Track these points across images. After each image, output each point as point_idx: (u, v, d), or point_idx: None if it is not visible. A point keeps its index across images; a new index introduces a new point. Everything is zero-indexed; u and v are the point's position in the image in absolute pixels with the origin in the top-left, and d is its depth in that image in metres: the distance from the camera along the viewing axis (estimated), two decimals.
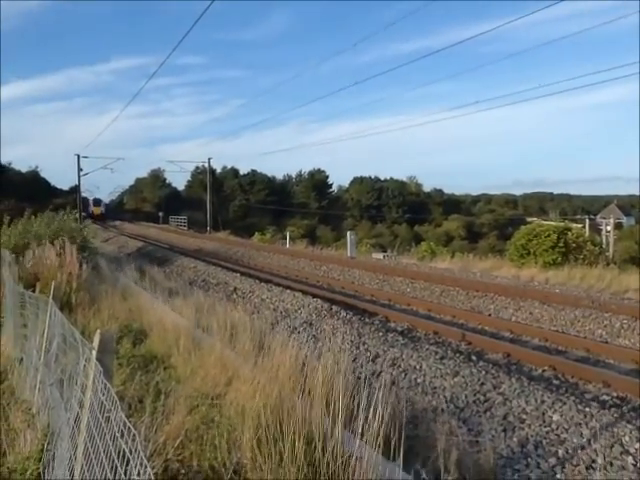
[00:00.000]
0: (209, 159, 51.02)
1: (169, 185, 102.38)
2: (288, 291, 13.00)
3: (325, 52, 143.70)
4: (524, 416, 5.68)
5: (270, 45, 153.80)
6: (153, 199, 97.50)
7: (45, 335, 5.01)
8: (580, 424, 5.37)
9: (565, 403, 5.83)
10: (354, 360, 7.89)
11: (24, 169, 78.97)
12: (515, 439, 5.22)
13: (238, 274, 16.51)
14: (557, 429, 5.35)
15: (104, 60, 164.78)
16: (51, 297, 5.16)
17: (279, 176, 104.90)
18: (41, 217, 15.96)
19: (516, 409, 5.86)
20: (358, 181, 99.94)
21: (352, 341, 8.76)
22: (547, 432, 5.32)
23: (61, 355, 4.19)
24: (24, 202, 39.74)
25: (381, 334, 9.03)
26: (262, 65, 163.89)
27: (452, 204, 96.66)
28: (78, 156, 49.39)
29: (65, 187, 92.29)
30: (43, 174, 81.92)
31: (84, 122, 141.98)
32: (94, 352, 2.43)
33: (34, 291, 8.08)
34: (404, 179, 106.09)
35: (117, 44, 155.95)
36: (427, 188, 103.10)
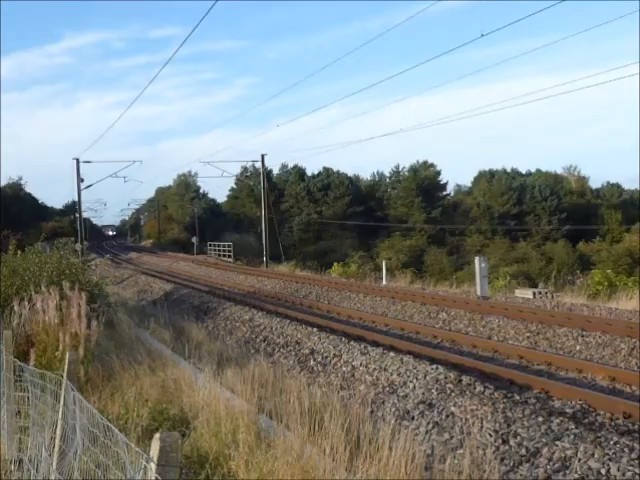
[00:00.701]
0: (262, 156, 52.10)
1: (205, 196, 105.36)
2: (392, 353, 13.03)
3: None
4: None
5: (261, 5, 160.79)
6: (183, 217, 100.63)
7: (59, 430, 5.30)
8: None
9: None
10: (502, 460, 7.79)
11: (2, 182, 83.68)
12: None
13: (314, 328, 16.70)
14: None
15: (55, 39, 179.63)
16: (65, 374, 5.45)
17: (365, 175, 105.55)
18: (32, 251, 16.80)
19: None
20: (486, 177, 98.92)
21: (496, 431, 8.67)
22: None
23: (89, 460, 4.41)
24: (4, 227, 42.08)
25: (540, 419, 8.89)
26: (264, 31, 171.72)
27: (637, 206, 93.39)
28: (77, 161, 51.64)
29: (58, 205, 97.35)
30: (28, 189, 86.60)
31: (50, 117, 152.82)
32: (152, 465, 2.57)
33: (27, 361, 8.55)
34: (558, 171, 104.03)
35: (67, 18, 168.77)
36: (595, 183, 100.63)
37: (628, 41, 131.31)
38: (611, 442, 8.02)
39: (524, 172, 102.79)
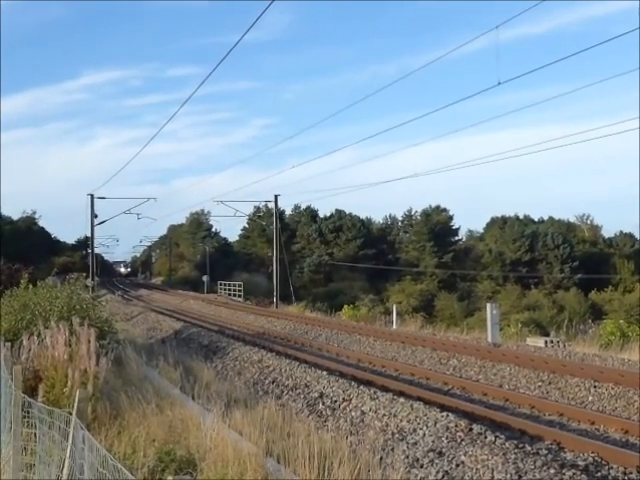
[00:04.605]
0: (276, 197, 52.36)
1: (216, 235, 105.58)
2: (402, 399, 12.91)
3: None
4: None
5: (277, 48, 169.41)
6: (194, 256, 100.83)
7: (66, 469, 5.26)
8: None
9: None
10: None
11: (16, 215, 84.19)
12: None
13: (324, 372, 16.60)
14: None
15: (73, 76, 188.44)
16: (75, 412, 5.42)
17: (377, 218, 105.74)
18: (43, 286, 16.85)
19: None
20: (498, 223, 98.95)
21: None
22: None
23: None
24: (17, 261, 42.25)
25: (552, 471, 8.76)
26: (279, 73, 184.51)
27: None
28: (92, 197, 52.10)
29: (70, 240, 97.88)
30: (42, 223, 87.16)
31: (65, 152, 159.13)
32: None
33: (35, 396, 8.51)
34: (571, 219, 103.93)
35: (86, 56, 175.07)
36: (608, 232, 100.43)
37: None
38: None
39: (536, 219, 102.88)
